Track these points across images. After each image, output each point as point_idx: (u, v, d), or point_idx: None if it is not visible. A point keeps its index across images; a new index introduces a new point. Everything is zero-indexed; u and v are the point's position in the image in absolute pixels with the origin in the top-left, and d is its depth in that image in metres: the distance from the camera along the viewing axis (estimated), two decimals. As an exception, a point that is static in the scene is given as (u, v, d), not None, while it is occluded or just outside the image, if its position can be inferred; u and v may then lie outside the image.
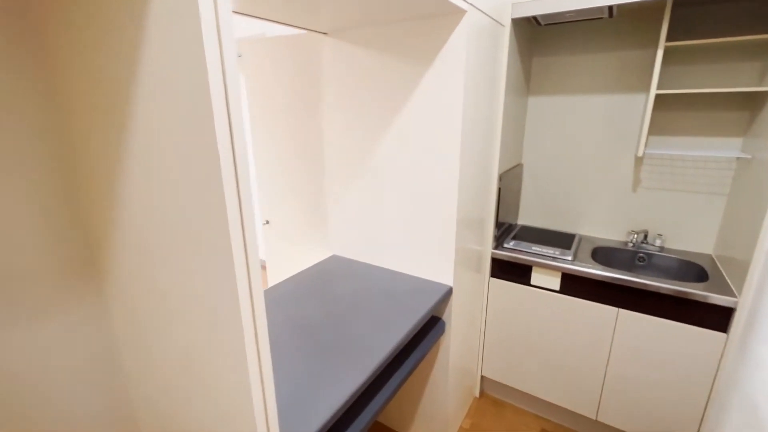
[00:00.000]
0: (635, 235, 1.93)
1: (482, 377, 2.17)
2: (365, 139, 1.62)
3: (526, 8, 1.62)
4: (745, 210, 1.51)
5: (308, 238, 1.93)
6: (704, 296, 1.47)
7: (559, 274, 1.77)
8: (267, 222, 2.00)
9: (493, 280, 1.96)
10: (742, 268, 1.42)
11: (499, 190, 1.84)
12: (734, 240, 1.57)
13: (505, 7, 1.61)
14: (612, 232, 2.05)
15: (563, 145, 2.07)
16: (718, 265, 1.71)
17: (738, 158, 1.67)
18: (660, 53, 1.56)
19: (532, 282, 1.85)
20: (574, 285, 1.74)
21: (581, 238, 2.07)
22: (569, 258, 1.77)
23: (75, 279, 0.86)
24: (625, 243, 1.98)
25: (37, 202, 0.78)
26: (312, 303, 1.44)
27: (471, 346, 1.96)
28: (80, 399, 0.91)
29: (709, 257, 1.80)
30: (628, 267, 1.93)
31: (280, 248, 2.03)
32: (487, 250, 1.92)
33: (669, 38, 1.64)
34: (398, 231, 1.64)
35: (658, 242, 1.88)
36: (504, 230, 2.06)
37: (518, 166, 2.14)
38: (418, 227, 1.58)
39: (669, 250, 1.89)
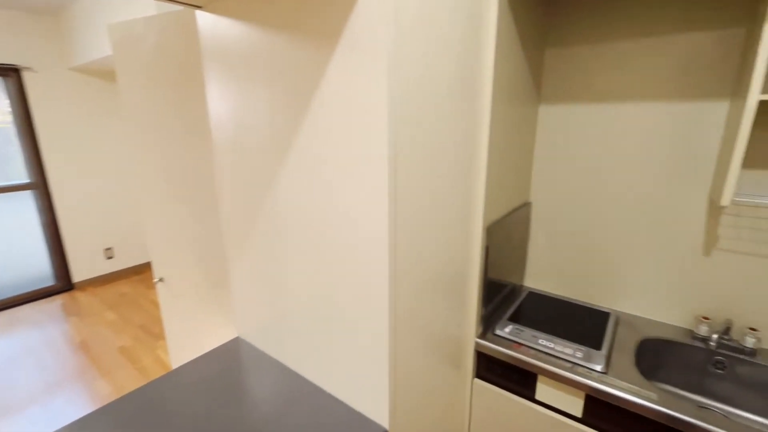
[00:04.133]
0: (708, 326, 1.22)
1: None
2: (258, 168, 1.02)
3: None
4: None
5: (209, 307, 1.34)
6: None
7: (582, 394, 1.08)
8: (160, 279, 1.43)
9: (479, 383, 1.29)
10: None
11: (487, 249, 1.19)
12: None
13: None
14: (669, 314, 1.34)
15: (595, 178, 1.39)
16: None
17: None
18: (768, 29, 0.88)
19: (538, 397, 1.17)
20: (607, 414, 1.05)
21: (619, 319, 1.36)
22: (598, 368, 1.08)
23: None
24: (692, 334, 1.27)
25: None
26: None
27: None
28: None
29: None
30: (698, 377, 1.21)
31: (179, 315, 1.46)
32: (468, 336, 1.26)
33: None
34: (308, 318, 1.02)
35: (750, 341, 1.16)
36: (501, 301, 1.39)
37: (525, 206, 1.48)
38: (333, 317, 0.95)
39: (769, 354, 1.16)
